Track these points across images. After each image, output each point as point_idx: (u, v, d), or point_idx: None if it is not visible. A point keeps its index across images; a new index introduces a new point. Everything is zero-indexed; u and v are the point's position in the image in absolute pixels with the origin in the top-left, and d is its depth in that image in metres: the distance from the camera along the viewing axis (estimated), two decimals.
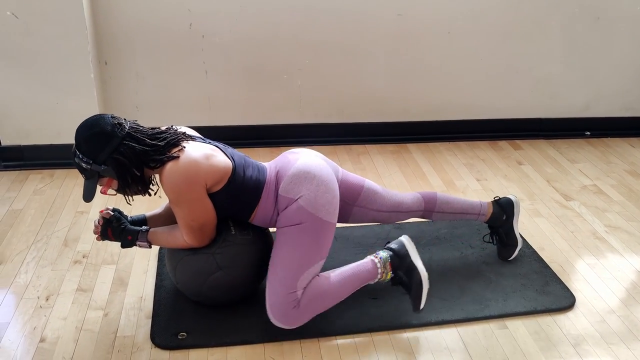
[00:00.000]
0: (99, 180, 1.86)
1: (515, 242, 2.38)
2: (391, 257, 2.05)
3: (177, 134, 1.92)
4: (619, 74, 3.63)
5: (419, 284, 2.01)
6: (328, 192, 1.97)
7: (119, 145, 1.81)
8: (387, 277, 2.05)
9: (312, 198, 1.93)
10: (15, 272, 2.27)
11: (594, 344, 2.00)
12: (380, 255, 2.06)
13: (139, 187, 1.90)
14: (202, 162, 1.85)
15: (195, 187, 1.85)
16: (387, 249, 2.09)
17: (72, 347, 1.92)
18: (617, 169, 3.30)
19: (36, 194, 2.85)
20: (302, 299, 1.92)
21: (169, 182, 1.82)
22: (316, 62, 3.32)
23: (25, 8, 2.77)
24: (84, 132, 1.82)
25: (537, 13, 3.38)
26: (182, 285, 2.06)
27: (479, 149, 3.51)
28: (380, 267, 2.03)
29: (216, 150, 1.96)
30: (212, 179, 1.88)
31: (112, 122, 1.83)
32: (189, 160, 1.84)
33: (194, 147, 1.90)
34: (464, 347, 1.97)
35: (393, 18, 3.27)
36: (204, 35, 3.16)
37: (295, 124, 3.46)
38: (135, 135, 1.84)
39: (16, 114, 2.99)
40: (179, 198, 1.85)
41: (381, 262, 2.03)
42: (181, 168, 1.82)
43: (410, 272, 2.03)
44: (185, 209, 1.87)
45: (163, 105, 3.29)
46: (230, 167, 1.93)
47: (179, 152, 1.85)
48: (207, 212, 1.90)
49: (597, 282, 2.32)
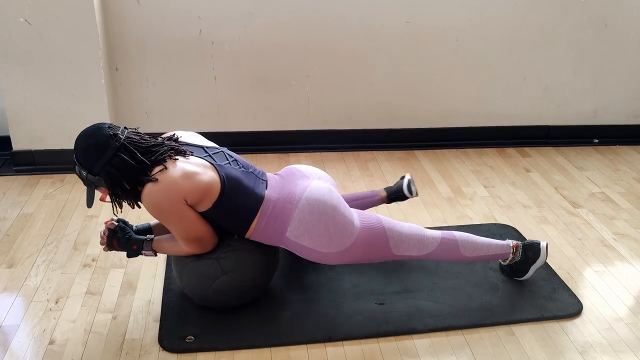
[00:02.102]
0: (98, 188, 1.89)
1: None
2: (522, 252, 2.26)
3: (168, 150, 1.88)
4: (627, 81, 3.63)
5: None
6: (337, 227, 1.98)
7: (112, 158, 1.81)
8: (508, 262, 2.30)
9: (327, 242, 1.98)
10: (26, 275, 2.30)
11: (602, 351, 1.99)
12: (518, 247, 2.26)
13: (129, 200, 1.90)
14: (180, 182, 1.82)
15: (177, 206, 1.84)
16: (525, 245, 2.26)
17: (80, 349, 1.94)
18: (625, 176, 3.29)
19: (47, 198, 2.88)
20: (434, 251, 2.12)
21: (149, 203, 1.83)
22: (324, 69, 3.34)
23: (38, 15, 2.81)
24: (81, 142, 1.85)
25: (546, 20, 3.39)
26: (189, 290, 2.07)
27: (487, 156, 3.51)
28: (510, 257, 2.26)
29: (207, 166, 1.91)
30: (192, 197, 1.86)
31: (107, 133, 1.83)
32: (167, 181, 1.82)
33: (178, 165, 1.86)
34: (471, 353, 1.97)
35: (401, 25, 3.29)
36: (214, 42, 3.18)
37: (304, 131, 3.48)
38: (129, 147, 1.84)
39: (28, 119, 3.03)
40: (164, 217, 1.86)
41: (514, 254, 2.25)
42: (159, 190, 1.81)
43: (518, 271, 2.30)
44: (174, 225, 1.89)
45: (173, 111, 3.32)
46: (217, 188, 1.89)
47: (160, 173, 1.82)
48: (197, 225, 1.90)
49: (605, 290, 2.31)
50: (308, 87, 3.38)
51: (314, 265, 2.36)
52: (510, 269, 2.31)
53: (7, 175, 3.08)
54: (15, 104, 2.98)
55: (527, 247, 2.25)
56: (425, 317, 2.10)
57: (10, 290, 2.21)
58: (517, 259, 2.26)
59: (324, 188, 2.03)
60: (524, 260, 2.26)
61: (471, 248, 2.17)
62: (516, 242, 2.26)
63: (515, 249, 2.24)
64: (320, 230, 1.96)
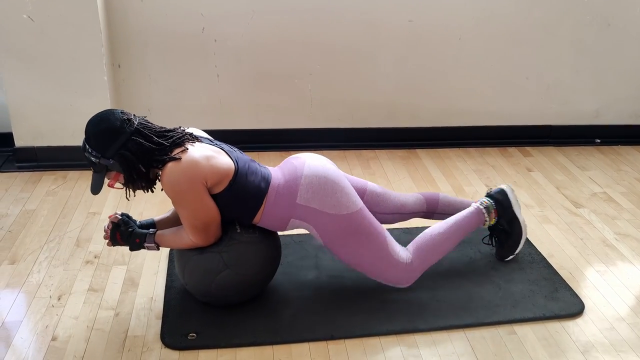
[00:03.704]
0: (107, 173, 1.90)
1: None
2: (496, 205, 2.30)
3: (184, 134, 1.95)
4: (630, 81, 3.62)
5: (519, 233, 2.32)
6: (343, 190, 2.03)
7: (127, 141, 1.83)
8: (490, 224, 2.31)
9: (335, 203, 2.00)
10: (28, 272, 2.30)
11: (603, 351, 1.99)
12: (485, 204, 2.30)
13: (143, 184, 1.93)
14: (203, 163, 1.87)
15: (196, 187, 1.87)
16: (489, 196, 2.33)
17: (83, 346, 1.94)
18: (627, 176, 3.29)
19: (49, 195, 2.88)
20: (414, 261, 2.14)
21: (169, 182, 1.84)
22: (327, 67, 3.34)
23: (41, 11, 2.81)
24: (94, 126, 1.85)
25: (548, 19, 3.39)
26: (191, 286, 2.08)
27: (489, 155, 3.51)
28: (485, 215, 2.29)
29: (220, 152, 1.98)
30: (212, 179, 1.90)
31: (121, 118, 1.85)
32: (189, 160, 1.86)
33: (196, 148, 1.92)
34: (473, 352, 1.97)
35: (404, 24, 3.29)
36: (216, 40, 3.18)
37: (306, 129, 3.48)
38: (144, 131, 1.87)
39: (30, 115, 3.03)
40: (180, 198, 1.88)
41: (487, 210, 2.29)
42: (182, 168, 1.84)
43: (512, 221, 2.31)
44: (187, 208, 1.89)
45: (175, 108, 3.32)
46: (232, 170, 1.95)
47: (181, 153, 1.87)
48: (209, 211, 1.92)
49: (607, 290, 2.32)
50: (310, 85, 3.38)
51: (316, 263, 2.36)
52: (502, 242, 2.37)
53: (10, 172, 3.09)
54: (17, 101, 2.99)
55: (492, 195, 2.34)
56: (427, 316, 2.10)
57: (12, 287, 2.21)
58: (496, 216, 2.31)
59: (323, 161, 2.13)
60: (500, 210, 2.30)
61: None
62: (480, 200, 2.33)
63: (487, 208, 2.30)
64: (327, 191, 2.01)
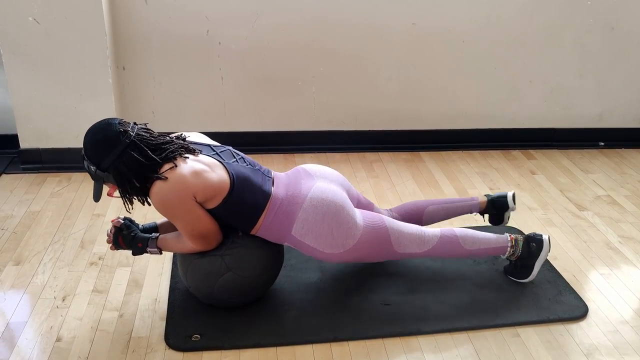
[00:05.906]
0: (106, 183, 1.90)
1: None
2: (523, 245, 2.25)
3: (178, 148, 1.89)
4: (633, 84, 3.62)
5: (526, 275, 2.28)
6: (341, 226, 2.00)
7: (122, 154, 1.82)
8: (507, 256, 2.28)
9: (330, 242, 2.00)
10: (33, 273, 2.31)
11: (607, 354, 1.99)
12: (518, 240, 2.25)
13: (138, 197, 1.91)
14: (190, 180, 1.84)
15: (186, 201, 1.85)
16: (527, 238, 2.26)
17: (87, 347, 1.95)
18: (631, 179, 3.29)
19: (53, 197, 2.89)
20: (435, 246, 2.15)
21: (157, 200, 1.84)
22: (330, 70, 3.35)
23: (47, 14, 2.82)
24: (90, 137, 1.85)
25: (552, 23, 3.39)
26: (194, 289, 2.08)
27: (492, 158, 3.51)
28: (509, 250, 2.24)
29: (216, 165, 1.93)
30: (202, 195, 1.87)
31: (117, 130, 1.83)
32: (177, 178, 1.82)
33: (188, 163, 1.87)
34: (476, 354, 1.97)
35: (407, 27, 3.29)
36: (221, 42, 3.19)
37: (309, 131, 3.48)
38: (139, 144, 1.84)
39: (35, 117, 3.04)
40: (172, 213, 1.87)
41: (513, 248, 2.24)
42: (169, 187, 1.82)
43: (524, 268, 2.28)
44: (182, 221, 1.89)
45: (179, 111, 3.33)
46: (227, 185, 1.91)
47: (169, 170, 1.83)
48: (204, 222, 1.91)
49: (611, 292, 2.31)
50: (314, 88, 3.39)
51: (319, 265, 2.37)
52: (515, 267, 2.31)
53: (15, 174, 3.10)
54: (22, 103, 3.00)
55: (529, 238, 2.26)
56: (430, 318, 2.11)
57: (17, 288, 2.22)
58: (518, 253, 2.25)
59: (328, 189, 2.04)
60: (526, 254, 2.25)
61: (471, 241, 2.20)
62: (515, 235, 2.27)
63: (514, 242, 2.24)
64: (324, 231, 1.98)
